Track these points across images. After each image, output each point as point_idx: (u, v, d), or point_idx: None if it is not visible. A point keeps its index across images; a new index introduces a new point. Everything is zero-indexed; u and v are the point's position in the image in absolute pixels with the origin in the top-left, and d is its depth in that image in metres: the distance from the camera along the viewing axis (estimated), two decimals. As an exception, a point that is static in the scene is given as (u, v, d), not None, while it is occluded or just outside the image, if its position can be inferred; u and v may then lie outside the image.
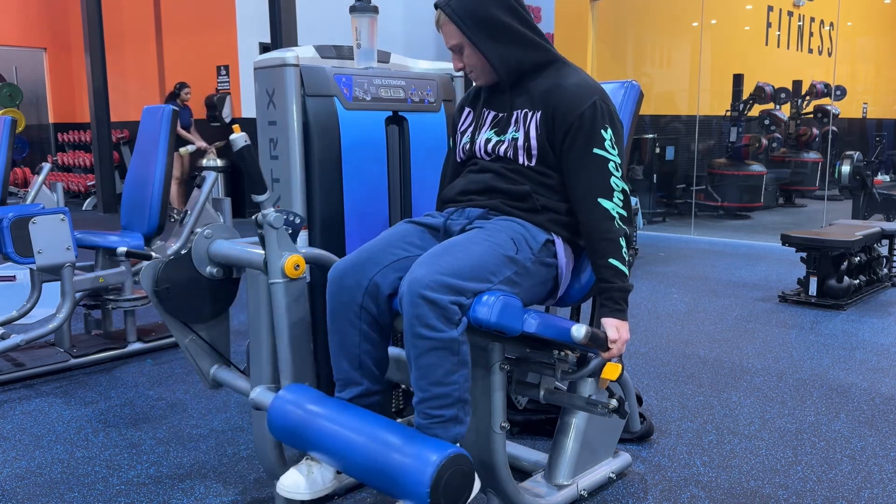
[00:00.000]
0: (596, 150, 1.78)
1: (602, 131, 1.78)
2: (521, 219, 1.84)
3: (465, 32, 1.82)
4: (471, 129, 1.98)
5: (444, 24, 1.86)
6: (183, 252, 2.13)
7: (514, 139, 1.86)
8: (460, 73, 2.08)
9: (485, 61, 1.86)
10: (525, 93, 1.88)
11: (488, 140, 1.92)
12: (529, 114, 1.85)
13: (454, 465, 1.55)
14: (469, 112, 2.02)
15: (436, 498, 1.50)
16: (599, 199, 1.77)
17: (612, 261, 1.77)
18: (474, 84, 2.00)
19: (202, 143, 8.89)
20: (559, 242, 1.85)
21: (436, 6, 1.87)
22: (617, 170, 1.79)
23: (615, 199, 1.78)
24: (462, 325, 1.63)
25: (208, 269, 2.14)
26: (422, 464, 1.52)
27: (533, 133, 1.83)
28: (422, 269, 1.62)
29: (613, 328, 1.73)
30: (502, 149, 1.88)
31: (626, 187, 1.81)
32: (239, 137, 1.82)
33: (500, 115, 1.92)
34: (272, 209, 1.85)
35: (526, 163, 1.86)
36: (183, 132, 8.69)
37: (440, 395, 1.64)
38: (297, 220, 1.89)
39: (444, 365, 1.62)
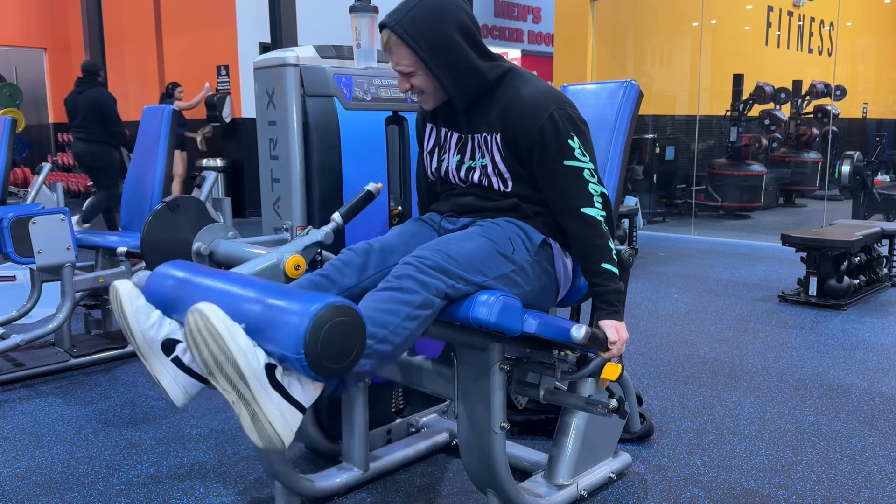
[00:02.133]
0: (567, 162, 1.74)
1: (569, 141, 1.73)
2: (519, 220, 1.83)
3: (420, 56, 1.71)
4: (437, 150, 1.93)
5: (394, 45, 1.73)
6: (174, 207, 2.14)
7: (484, 166, 1.83)
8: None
9: (438, 86, 1.77)
10: (480, 115, 1.81)
11: (459, 164, 1.87)
12: (489, 137, 1.80)
13: (337, 315, 1.34)
14: (431, 129, 1.94)
15: (313, 348, 1.31)
16: (583, 210, 1.75)
17: (604, 265, 1.76)
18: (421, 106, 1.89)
19: (198, 133, 9.03)
20: (556, 247, 1.84)
21: (382, 26, 1.74)
22: (592, 175, 1.76)
23: (596, 205, 1.76)
24: (435, 304, 1.59)
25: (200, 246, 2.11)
26: (299, 315, 1.34)
27: (498, 158, 1.80)
28: (418, 251, 1.65)
29: (612, 329, 1.74)
30: (475, 176, 1.85)
31: (604, 190, 1.79)
32: (375, 188, 1.99)
33: (463, 136, 1.86)
34: (323, 231, 1.93)
35: (502, 188, 1.83)
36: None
37: (378, 320, 1.51)
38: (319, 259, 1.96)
39: (400, 308, 1.54)
